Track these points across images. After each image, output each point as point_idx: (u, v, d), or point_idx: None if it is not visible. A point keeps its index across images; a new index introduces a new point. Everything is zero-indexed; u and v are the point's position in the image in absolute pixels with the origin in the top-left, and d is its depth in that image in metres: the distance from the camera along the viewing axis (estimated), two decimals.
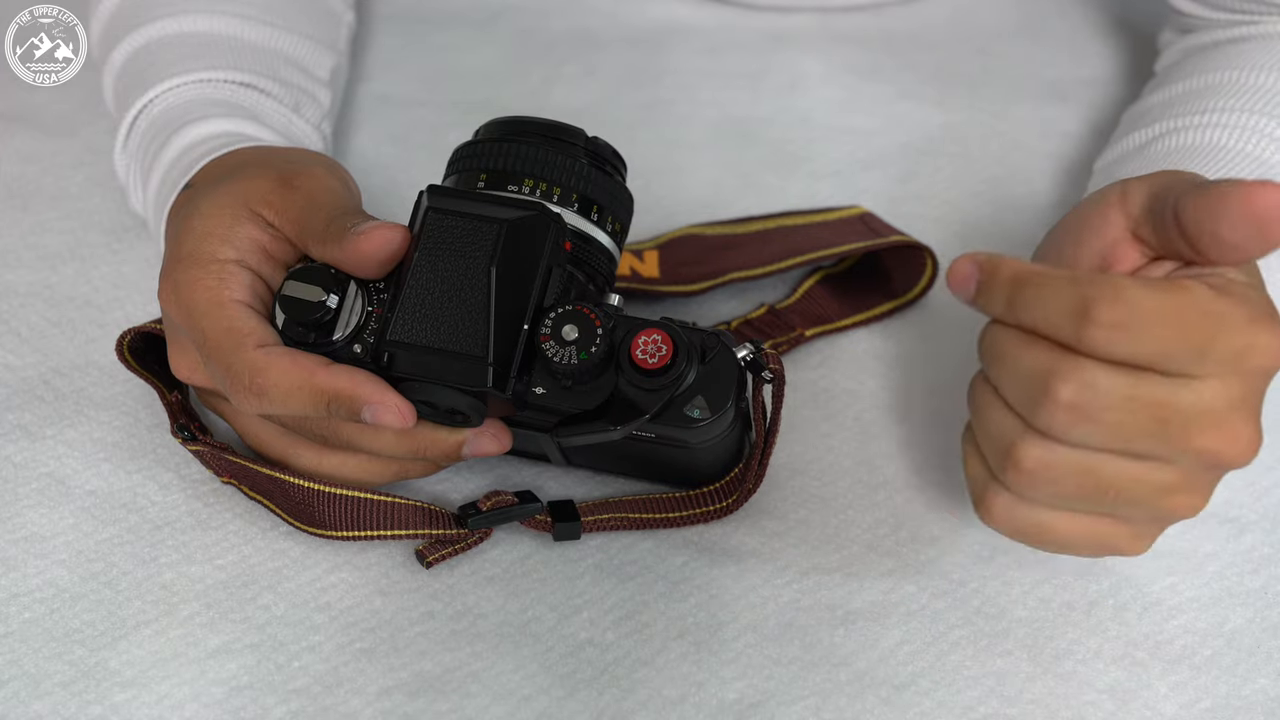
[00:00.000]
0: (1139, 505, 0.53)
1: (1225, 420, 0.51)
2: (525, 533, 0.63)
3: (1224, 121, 0.69)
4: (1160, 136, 0.71)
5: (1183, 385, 0.50)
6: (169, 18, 0.75)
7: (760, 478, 0.63)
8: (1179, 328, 0.49)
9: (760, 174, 0.84)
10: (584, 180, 0.60)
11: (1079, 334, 0.49)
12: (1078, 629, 0.60)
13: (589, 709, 0.57)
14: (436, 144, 0.73)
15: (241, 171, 0.61)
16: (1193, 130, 0.70)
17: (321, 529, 0.62)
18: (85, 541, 0.63)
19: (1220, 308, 0.50)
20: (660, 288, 0.73)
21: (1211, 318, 0.49)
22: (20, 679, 0.58)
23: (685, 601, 0.61)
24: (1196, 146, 0.69)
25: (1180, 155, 0.69)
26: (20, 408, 0.69)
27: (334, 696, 0.57)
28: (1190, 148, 0.69)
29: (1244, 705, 0.58)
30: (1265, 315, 0.50)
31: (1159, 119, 0.73)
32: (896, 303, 0.75)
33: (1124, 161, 0.72)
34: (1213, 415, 0.51)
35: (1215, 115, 0.70)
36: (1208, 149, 0.68)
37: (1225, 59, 0.74)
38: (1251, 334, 0.50)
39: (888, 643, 0.60)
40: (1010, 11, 0.97)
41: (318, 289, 0.57)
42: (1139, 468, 0.52)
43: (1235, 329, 0.50)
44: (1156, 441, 0.51)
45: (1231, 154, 0.68)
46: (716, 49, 0.93)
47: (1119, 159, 0.73)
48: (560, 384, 0.57)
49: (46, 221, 0.79)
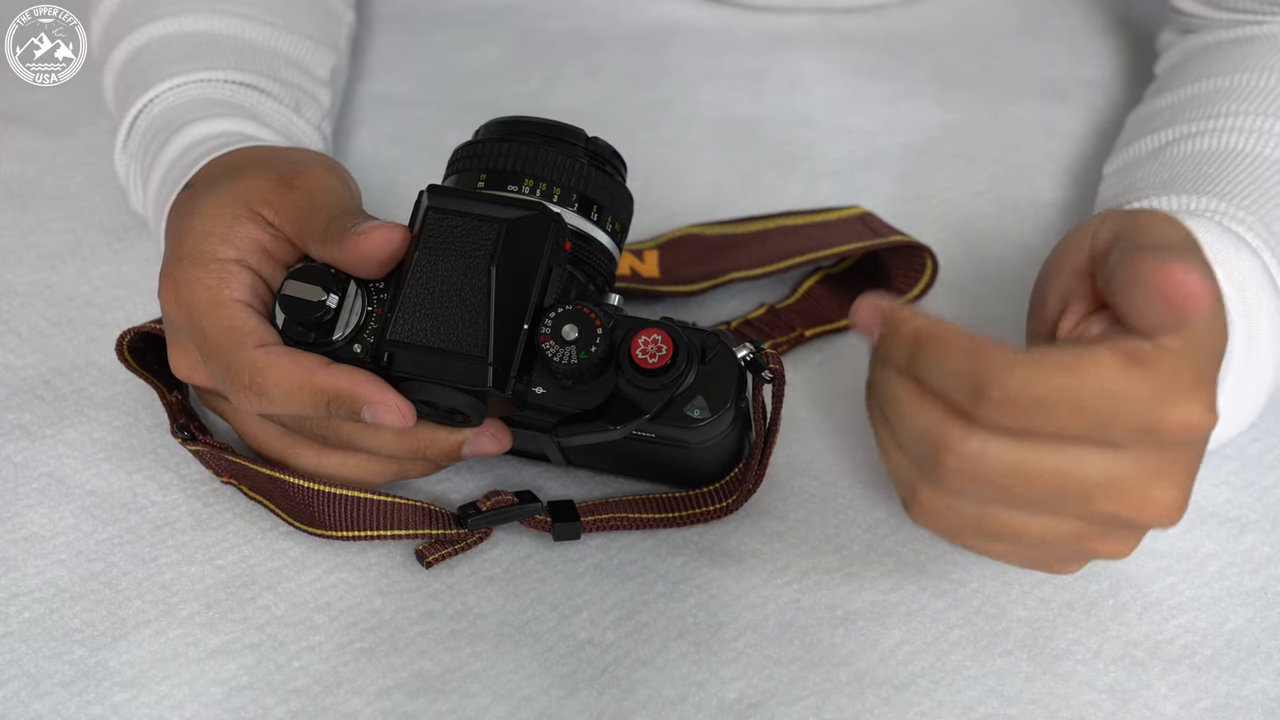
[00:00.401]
0: (1049, 547, 0.54)
1: (1135, 488, 0.50)
2: (525, 533, 0.63)
3: (1238, 126, 0.69)
4: (1174, 142, 0.71)
5: (1083, 455, 0.50)
6: (169, 17, 0.75)
7: (760, 478, 0.63)
8: (1075, 410, 0.49)
9: (760, 174, 0.84)
10: (584, 180, 0.60)
11: (972, 407, 0.49)
12: (1078, 629, 0.60)
13: (589, 709, 0.57)
14: (436, 144, 0.73)
15: (241, 171, 0.61)
16: (1207, 135, 0.70)
17: (321, 529, 0.62)
18: (85, 541, 0.63)
19: (1124, 386, 0.49)
20: (660, 288, 0.73)
21: (1112, 398, 0.49)
22: (20, 679, 0.58)
23: (685, 601, 0.61)
24: (1211, 152, 0.69)
25: (1195, 160, 0.68)
26: (20, 408, 0.69)
27: (334, 696, 0.57)
28: (1205, 153, 0.69)
29: (1244, 705, 0.58)
30: (1180, 390, 0.49)
31: (1170, 123, 0.72)
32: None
33: (1138, 166, 0.72)
34: (1118, 484, 0.50)
35: (1228, 120, 0.70)
36: (1223, 154, 0.68)
37: (1232, 61, 0.74)
38: (1158, 413, 0.49)
39: (888, 643, 0.60)
40: (1010, 11, 0.97)
41: (318, 289, 0.57)
42: (1042, 521, 0.52)
43: (1138, 409, 0.49)
44: (1056, 504, 0.51)
45: (1247, 159, 0.67)
46: (716, 49, 0.93)
47: (1132, 163, 0.73)
48: (560, 384, 0.57)
49: (46, 221, 0.79)
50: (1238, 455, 0.67)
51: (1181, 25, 0.81)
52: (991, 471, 0.50)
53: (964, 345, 0.49)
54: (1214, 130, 0.70)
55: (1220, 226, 0.62)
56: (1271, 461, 0.67)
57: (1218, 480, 0.66)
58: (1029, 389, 0.48)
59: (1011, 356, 0.49)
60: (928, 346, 0.50)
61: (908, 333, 0.51)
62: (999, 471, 0.50)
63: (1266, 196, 0.65)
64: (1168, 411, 0.49)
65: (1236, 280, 0.60)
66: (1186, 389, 0.50)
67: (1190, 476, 0.52)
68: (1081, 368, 0.49)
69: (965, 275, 0.76)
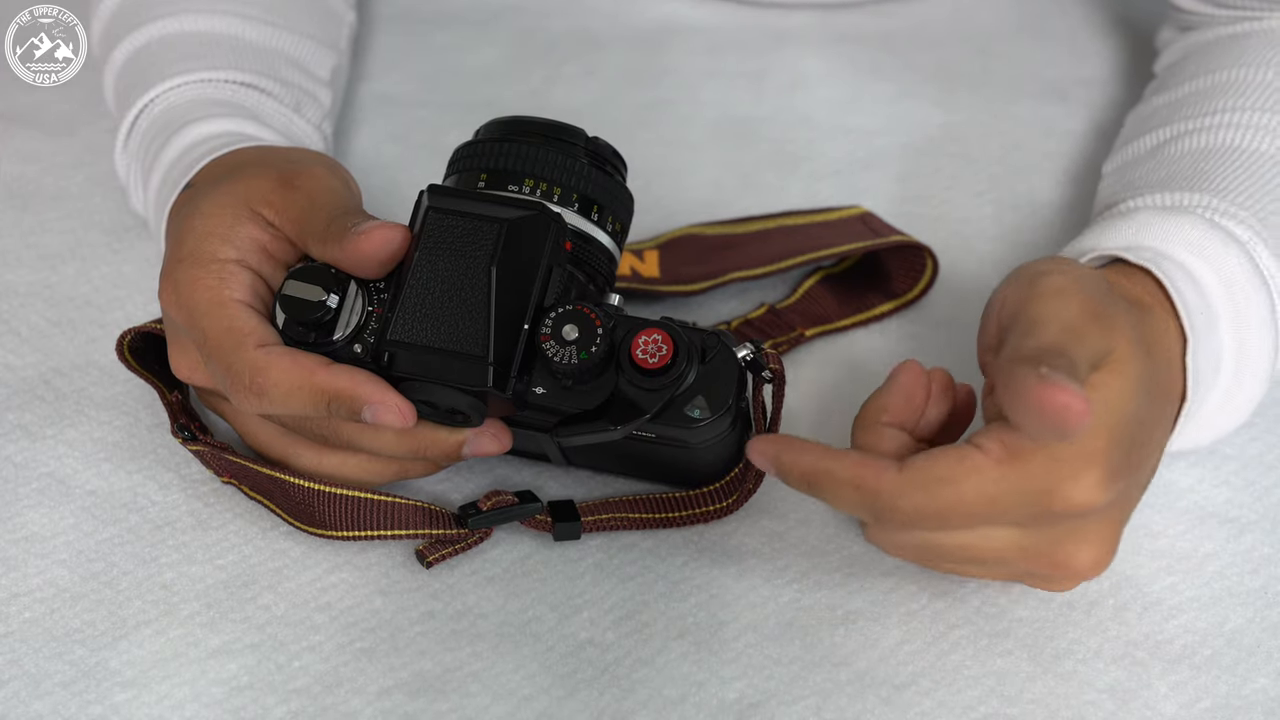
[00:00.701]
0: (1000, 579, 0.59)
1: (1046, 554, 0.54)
2: (525, 533, 0.63)
3: (1235, 122, 0.69)
4: (1172, 139, 0.71)
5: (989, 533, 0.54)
6: (170, 17, 0.75)
7: (760, 478, 0.63)
8: (964, 515, 0.52)
9: (760, 174, 0.84)
10: (584, 180, 0.60)
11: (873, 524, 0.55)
12: (1078, 629, 0.60)
13: (589, 709, 0.57)
14: (436, 144, 0.72)
15: (242, 171, 0.61)
16: (1204, 132, 0.70)
17: (322, 529, 0.62)
18: (85, 541, 0.63)
19: (1002, 487, 0.52)
20: (660, 288, 0.73)
21: (993, 501, 0.52)
22: (20, 679, 0.58)
23: (685, 601, 0.61)
24: (1209, 149, 0.69)
25: (1193, 158, 0.68)
26: (20, 408, 0.69)
27: (334, 696, 0.57)
28: (1202, 150, 0.69)
29: (1244, 705, 0.58)
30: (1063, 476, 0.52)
31: (1168, 121, 0.72)
32: (896, 303, 0.75)
33: (1136, 165, 0.72)
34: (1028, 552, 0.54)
35: (1225, 116, 0.70)
36: (1220, 151, 0.68)
37: (1229, 56, 0.74)
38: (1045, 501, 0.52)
39: (888, 642, 0.60)
40: (1010, 11, 0.97)
41: (318, 289, 0.57)
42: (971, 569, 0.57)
43: (1022, 502, 0.52)
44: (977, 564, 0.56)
45: (1244, 154, 0.67)
46: (717, 49, 0.93)
47: (1130, 162, 0.73)
48: (560, 384, 0.57)
49: (46, 221, 0.79)
50: (1238, 455, 0.67)
51: (1181, 22, 0.81)
52: (907, 545, 0.56)
53: (849, 479, 0.53)
54: (1211, 127, 0.70)
55: (1207, 222, 0.62)
56: (1271, 461, 0.67)
57: (1218, 480, 0.66)
58: (917, 509, 0.52)
59: (893, 482, 0.52)
60: (818, 486, 0.54)
61: (799, 477, 0.54)
62: (913, 545, 0.56)
63: (1263, 191, 0.65)
64: (1054, 497, 0.52)
65: (1224, 277, 0.60)
66: (1071, 473, 0.52)
67: (1107, 532, 0.55)
68: (960, 478, 0.52)
69: (965, 275, 0.76)
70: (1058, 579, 0.56)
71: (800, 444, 0.54)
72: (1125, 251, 0.61)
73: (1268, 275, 0.62)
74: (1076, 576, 0.55)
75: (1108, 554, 0.55)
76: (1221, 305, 0.60)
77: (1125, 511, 0.55)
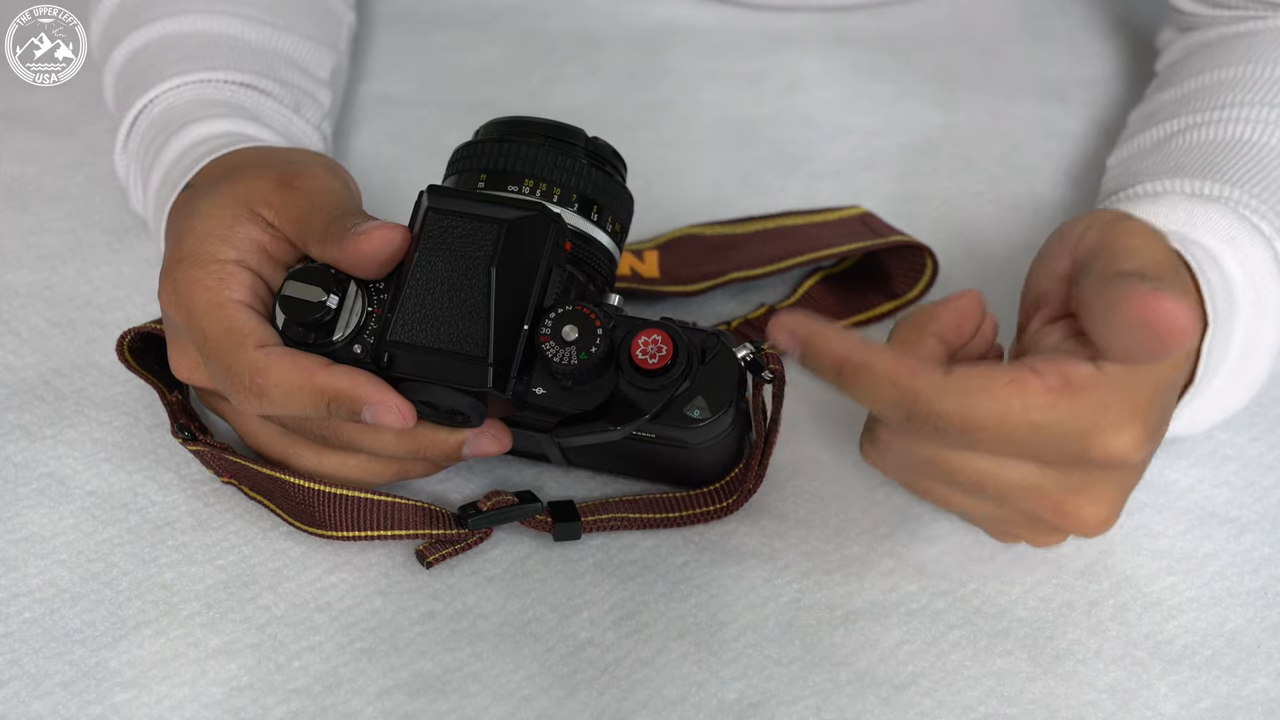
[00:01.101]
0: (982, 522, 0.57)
1: (1055, 500, 0.52)
2: (525, 533, 0.63)
3: (1243, 116, 0.69)
4: (1180, 132, 0.71)
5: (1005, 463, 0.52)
6: (169, 18, 0.75)
7: (760, 478, 0.63)
8: (1000, 436, 0.50)
9: (760, 174, 0.84)
10: (584, 180, 0.60)
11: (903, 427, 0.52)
12: (1078, 629, 0.60)
13: (589, 709, 0.57)
14: (436, 144, 0.72)
15: (242, 172, 0.61)
16: (1211, 126, 0.70)
17: (322, 529, 0.62)
18: (85, 541, 0.63)
19: (1049, 417, 0.50)
20: (660, 288, 0.73)
21: (1036, 429, 0.50)
22: (20, 679, 0.58)
23: (685, 601, 0.61)
24: (1217, 142, 0.69)
25: (1200, 150, 0.68)
26: (20, 408, 0.69)
27: (334, 696, 0.57)
28: (1210, 143, 0.69)
29: (1244, 705, 0.58)
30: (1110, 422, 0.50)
31: (1173, 115, 0.72)
32: (896, 303, 0.75)
33: (1143, 156, 0.72)
34: (1037, 492, 0.52)
35: (1233, 110, 0.70)
36: (1229, 144, 0.68)
37: (1234, 54, 0.74)
38: (1084, 442, 0.50)
39: (888, 643, 0.60)
40: (1010, 11, 0.97)
41: (318, 289, 0.57)
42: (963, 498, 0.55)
43: (1063, 439, 0.50)
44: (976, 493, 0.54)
45: (1254, 148, 0.67)
46: (717, 49, 0.93)
47: (1136, 154, 0.73)
48: (560, 384, 0.57)
49: (46, 221, 0.79)
50: (1238, 456, 0.67)
51: (1181, 23, 0.81)
52: (916, 456, 0.53)
53: (887, 372, 0.50)
54: (1219, 121, 0.70)
55: (1236, 213, 0.62)
56: (1271, 462, 0.67)
57: (1218, 480, 0.66)
58: (955, 416, 0.50)
59: (938, 383, 0.50)
60: (851, 377, 0.51)
61: (828, 364, 0.52)
62: (922, 458, 0.53)
63: (1275, 185, 0.65)
64: (1093, 442, 0.50)
65: (1248, 268, 0.60)
66: (1116, 421, 0.50)
67: (1121, 493, 0.54)
68: (1007, 396, 0.50)
69: (965, 275, 0.76)
70: (1053, 530, 0.55)
71: (834, 330, 0.52)
72: None
73: None
74: (1077, 530, 0.54)
75: (1112, 517, 0.53)
76: (1243, 296, 0.60)
77: (1137, 479, 0.55)
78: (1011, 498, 0.53)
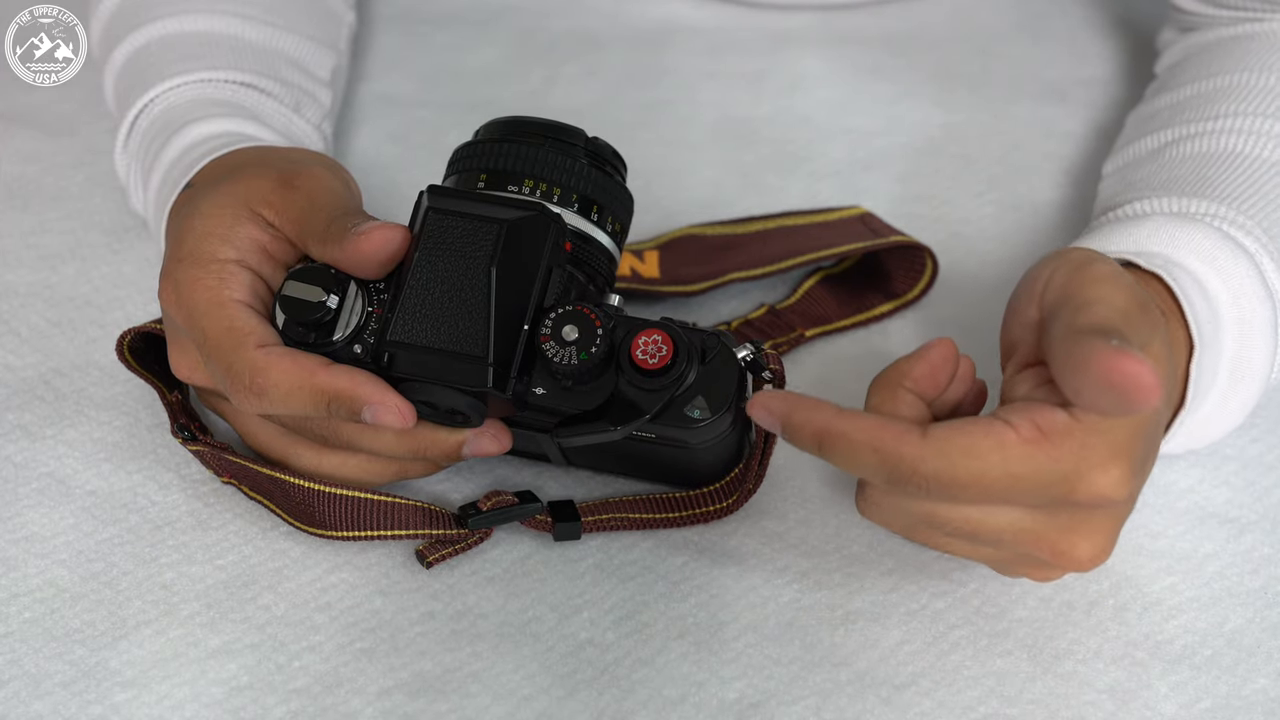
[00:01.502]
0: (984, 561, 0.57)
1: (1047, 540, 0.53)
2: (525, 533, 0.63)
3: (1238, 127, 0.69)
4: (1174, 142, 0.71)
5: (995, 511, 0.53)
6: (169, 17, 0.75)
7: (760, 478, 0.63)
8: (982, 490, 0.51)
9: (760, 174, 0.84)
10: (584, 180, 0.60)
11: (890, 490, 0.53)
12: (1078, 629, 0.60)
13: (589, 709, 0.57)
14: (436, 144, 0.73)
15: (242, 171, 0.61)
16: (1207, 137, 0.69)
17: (322, 529, 0.62)
18: (85, 541, 0.63)
19: (1029, 468, 0.50)
20: (660, 288, 0.73)
21: (1017, 480, 0.51)
22: (20, 679, 0.58)
23: (685, 601, 0.61)
24: (1212, 154, 0.69)
25: (1194, 162, 0.68)
26: (20, 408, 0.69)
27: (334, 696, 0.57)
28: (1204, 155, 0.69)
29: (1244, 705, 0.58)
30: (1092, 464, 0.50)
31: (1169, 124, 0.72)
32: (896, 303, 0.75)
33: (1137, 166, 0.72)
34: (1029, 534, 0.53)
35: (1229, 120, 0.69)
36: (1223, 156, 0.68)
37: (1232, 60, 0.74)
38: (1067, 486, 0.51)
39: (888, 643, 0.60)
40: (1010, 11, 0.97)
41: (318, 289, 0.57)
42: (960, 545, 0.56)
43: (1045, 486, 0.51)
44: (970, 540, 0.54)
45: (1247, 161, 0.67)
46: (717, 49, 0.93)
47: (1132, 163, 0.73)
48: (560, 384, 0.57)
49: (46, 221, 0.79)
50: (1238, 456, 0.67)
51: (1181, 23, 0.81)
52: (908, 511, 0.55)
53: (867, 440, 0.51)
54: (1213, 132, 0.70)
55: (1219, 232, 0.62)
56: (1271, 462, 0.67)
57: (1218, 480, 0.66)
58: (937, 477, 0.51)
59: (916, 446, 0.51)
60: (831, 447, 0.52)
61: (810, 437, 0.52)
62: (914, 513, 0.54)
63: (1266, 200, 0.65)
64: (1078, 485, 0.51)
65: (1232, 287, 0.60)
66: (1100, 462, 0.51)
67: (1113, 527, 0.54)
68: (986, 451, 0.50)
69: (965, 275, 0.76)
70: (1050, 568, 0.55)
71: (812, 402, 0.52)
72: (1136, 256, 0.61)
73: (1272, 289, 0.62)
74: (1072, 567, 0.54)
75: (1107, 550, 0.54)
76: (1228, 316, 0.60)
77: (1129, 511, 0.55)
78: (1005, 541, 0.54)
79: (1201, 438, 0.63)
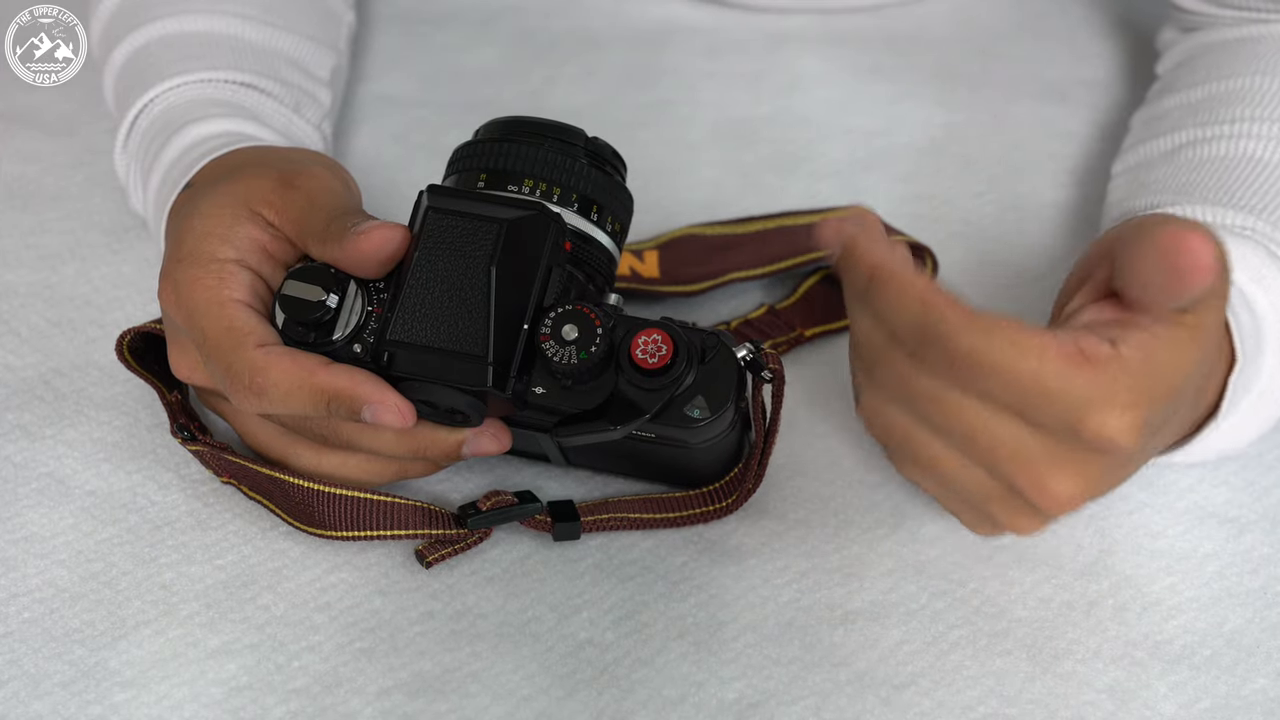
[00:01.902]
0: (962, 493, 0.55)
1: (1035, 467, 0.52)
2: (525, 533, 0.63)
3: (1256, 132, 0.69)
4: (1189, 144, 0.71)
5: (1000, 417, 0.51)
6: (169, 17, 0.75)
7: (760, 478, 0.63)
8: (1005, 385, 0.50)
9: (760, 174, 0.84)
10: (584, 180, 0.60)
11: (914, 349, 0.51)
12: (1078, 629, 0.60)
13: (589, 709, 0.57)
14: (436, 144, 0.72)
15: (241, 171, 0.61)
16: (1224, 140, 0.69)
17: (321, 529, 0.62)
18: (85, 541, 0.63)
19: (1058, 382, 0.50)
20: (660, 288, 0.73)
21: (1043, 389, 0.50)
22: (20, 679, 0.58)
23: (685, 601, 0.61)
24: (1230, 157, 0.68)
25: (1213, 165, 0.68)
26: (20, 408, 0.69)
27: (334, 696, 0.57)
28: (1223, 158, 0.68)
29: (1243, 705, 0.58)
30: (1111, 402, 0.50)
31: (1181, 125, 0.72)
32: None
33: (1150, 167, 0.71)
34: (1022, 456, 0.52)
35: (1245, 125, 0.69)
36: (1242, 160, 0.68)
37: (1240, 62, 0.73)
38: (1081, 414, 0.50)
39: (888, 642, 0.60)
40: (1010, 11, 0.97)
41: (318, 289, 0.57)
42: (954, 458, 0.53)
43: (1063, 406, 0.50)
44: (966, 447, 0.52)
45: (1269, 168, 0.67)
46: (716, 49, 0.93)
47: (1144, 164, 0.72)
48: (560, 384, 0.57)
49: (46, 221, 0.79)
50: (1238, 456, 0.67)
51: (1183, 23, 0.81)
52: (916, 392, 0.52)
53: (917, 293, 0.50)
54: (1231, 135, 0.69)
55: (1265, 249, 0.62)
56: (1271, 461, 0.67)
57: (1218, 480, 0.66)
58: (971, 352, 0.49)
59: (965, 315, 0.50)
60: (881, 285, 0.51)
61: (864, 267, 0.51)
62: (922, 395, 0.52)
63: None
64: (1089, 415, 0.50)
65: (1277, 305, 0.60)
66: (1118, 403, 0.50)
67: (1100, 478, 0.53)
68: (1025, 350, 0.50)
69: (965, 276, 0.76)
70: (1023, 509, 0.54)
71: (884, 239, 0.51)
72: None
73: None
74: (1046, 504, 0.53)
75: (1084, 497, 0.53)
76: (1270, 333, 0.60)
77: (1121, 476, 0.54)
78: (995, 458, 0.52)
79: (1215, 447, 0.63)
